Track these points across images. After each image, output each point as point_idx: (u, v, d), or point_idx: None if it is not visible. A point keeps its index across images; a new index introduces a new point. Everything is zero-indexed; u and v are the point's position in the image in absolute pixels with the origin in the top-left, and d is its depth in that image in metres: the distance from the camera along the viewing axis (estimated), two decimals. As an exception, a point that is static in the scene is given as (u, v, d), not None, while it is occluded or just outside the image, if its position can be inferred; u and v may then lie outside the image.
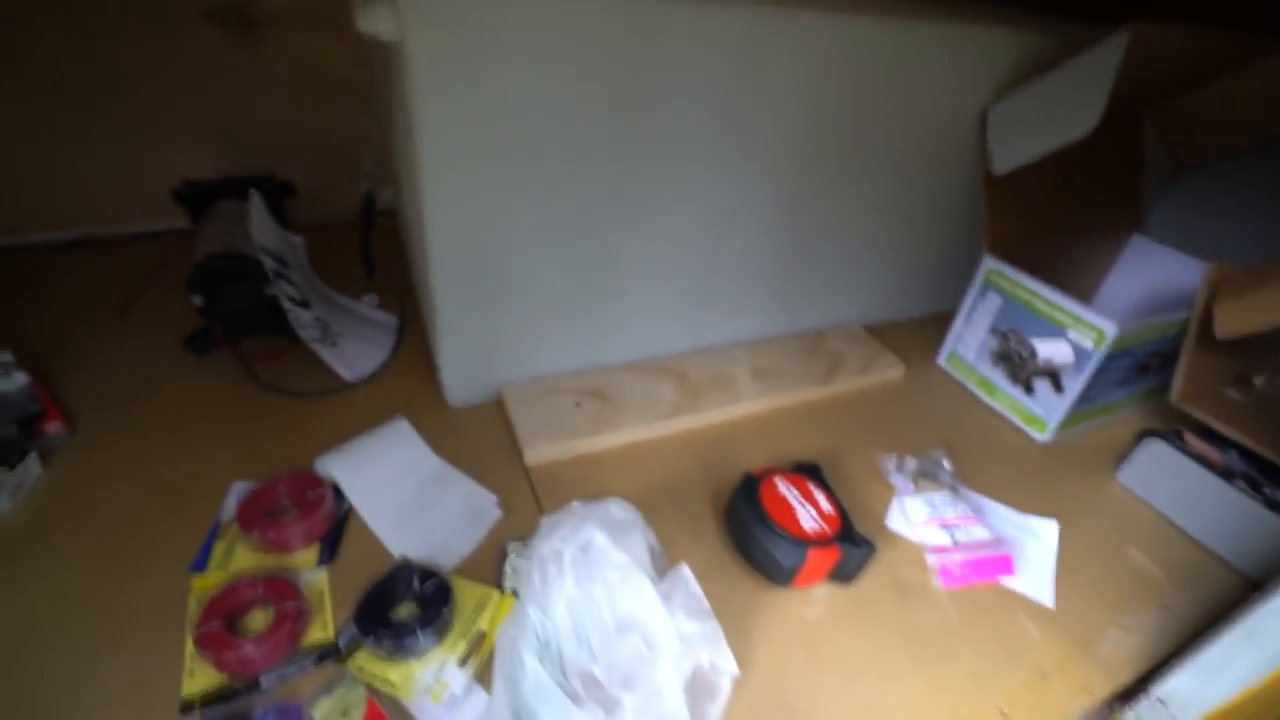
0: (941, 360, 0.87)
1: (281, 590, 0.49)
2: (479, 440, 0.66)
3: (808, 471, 0.61)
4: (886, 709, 0.49)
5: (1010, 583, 0.60)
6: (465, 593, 0.51)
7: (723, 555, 0.58)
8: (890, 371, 0.83)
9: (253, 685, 0.45)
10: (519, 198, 0.59)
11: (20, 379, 0.62)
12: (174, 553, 0.53)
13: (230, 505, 0.56)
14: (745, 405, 0.74)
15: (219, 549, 0.53)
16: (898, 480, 0.67)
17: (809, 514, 0.56)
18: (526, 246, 0.62)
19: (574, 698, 0.41)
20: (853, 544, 0.55)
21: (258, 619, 0.49)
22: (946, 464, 0.69)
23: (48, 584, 0.50)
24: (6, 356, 0.63)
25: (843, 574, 0.56)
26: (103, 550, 0.53)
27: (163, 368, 0.71)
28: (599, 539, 0.45)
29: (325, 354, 0.71)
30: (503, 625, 0.45)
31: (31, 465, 0.58)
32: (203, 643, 0.45)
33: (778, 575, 0.54)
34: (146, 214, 0.92)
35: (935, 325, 0.90)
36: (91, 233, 0.91)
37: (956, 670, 0.53)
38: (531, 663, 0.41)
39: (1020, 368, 0.77)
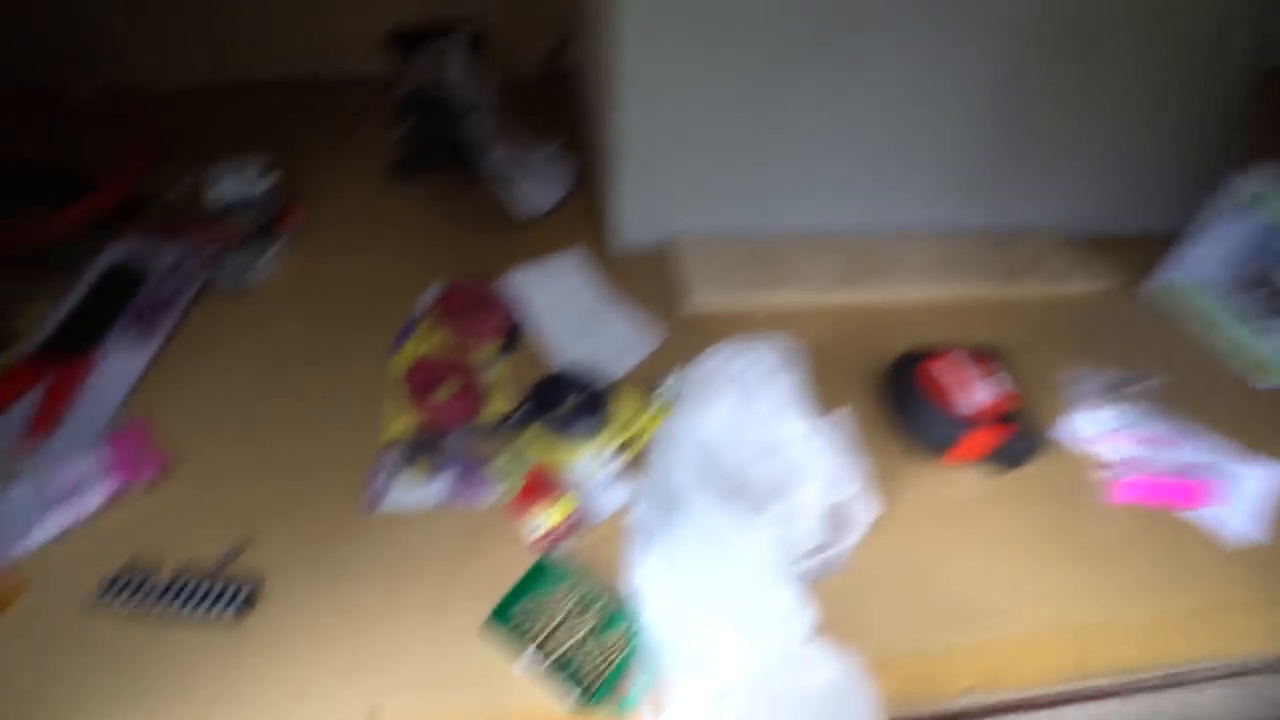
0: (1155, 284, 0.76)
1: (466, 370, 0.56)
2: (642, 283, 0.69)
3: (982, 354, 0.57)
4: (1026, 592, 0.48)
5: (1203, 514, 0.54)
6: (622, 400, 0.56)
7: (873, 427, 0.57)
8: (1089, 285, 0.74)
9: (440, 439, 0.52)
10: (713, 48, 0.59)
11: (268, 182, 0.74)
12: (378, 335, 0.61)
13: (426, 303, 0.64)
14: (917, 289, 0.70)
15: (417, 334, 0.61)
16: (1084, 389, 0.61)
17: (977, 393, 0.53)
18: (715, 100, 0.62)
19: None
20: (1020, 431, 0.52)
21: (446, 389, 0.56)
22: (1146, 384, 0.62)
23: (284, 338, 0.61)
24: (258, 164, 0.74)
25: (1001, 460, 0.54)
26: (326, 320, 0.63)
27: (369, 192, 0.80)
28: (765, 362, 0.47)
29: (506, 191, 0.76)
30: (661, 424, 0.48)
31: (278, 248, 0.69)
32: (404, 395, 0.53)
33: (932, 447, 0.53)
34: (361, 57, 1.00)
35: (1156, 244, 0.78)
36: (315, 71, 1.02)
37: (1116, 576, 0.49)
38: (685, 457, 0.44)
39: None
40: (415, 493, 0.49)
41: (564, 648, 0.41)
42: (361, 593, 0.43)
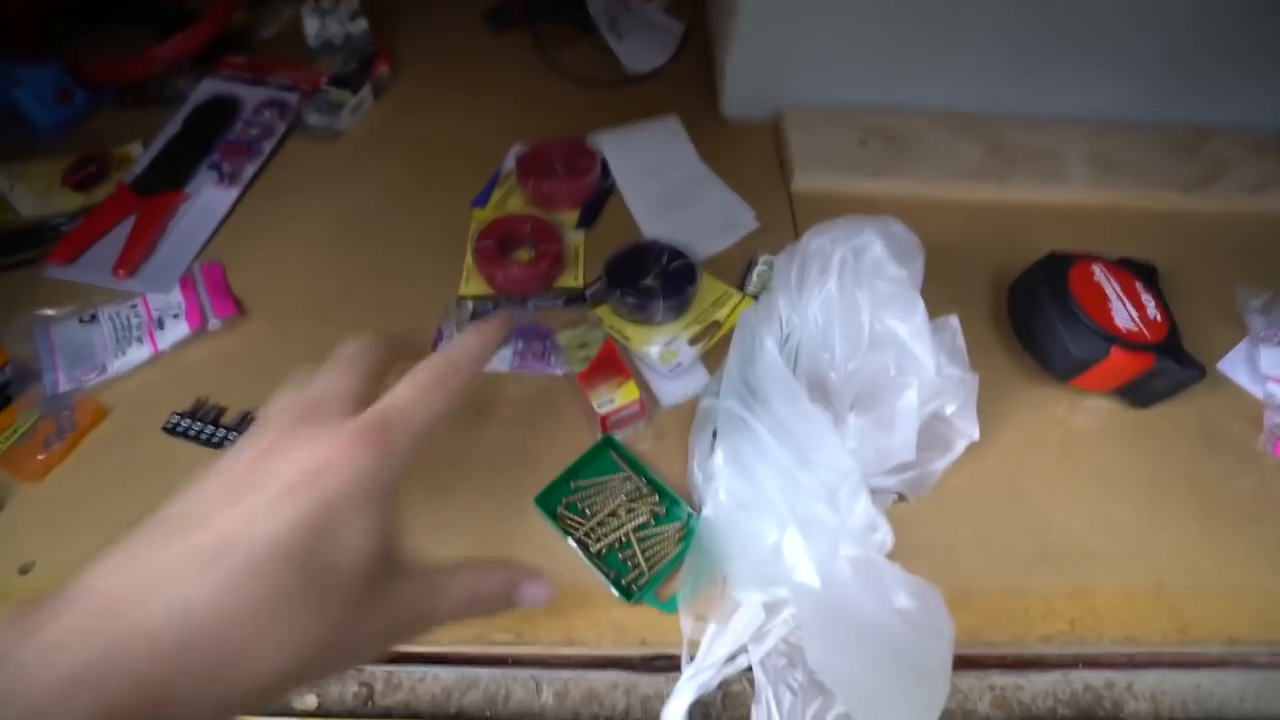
0: (1386, 204, 0.61)
1: (545, 233, 0.52)
2: (746, 156, 0.61)
3: (1138, 269, 0.48)
4: (1141, 540, 0.42)
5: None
6: (708, 284, 0.51)
7: (992, 337, 0.51)
8: (1294, 199, 0.61)
9: (512, 303, 0.50)
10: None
11: (362, 24, 0.69)
12: (462, 188, 0.58)
13: (510, 161, 0.60)
14: (1069, 191, 0.59)
15: (498, 193, 0.58)
16: (1258, 321, 0.51)
17: (1125, 311, 0.45)
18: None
19: None
20: (1175, 360, 0.44)
21: (523, 253, 0.53)
22: (1344, 323, 0.51)
23: (367, 186, 0.59)
24: (353, 2, 0.70)
25: (1142, 393, 0.46)
26: (409, 171, 0.60)
27: (468, 37, 0.74)
28: (877, 246, 0.40)
29: (612, 42, 0.69)
30: (747, 310, 0.43)
31: (366, 94, 0.65)
32: (480, 254, 0.50)
33: (1061, 365, 0.45)
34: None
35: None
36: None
37: (1256, 538, 0.42)
38: (771, 346, 0.39)
39: None
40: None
41: (610, 539, 0.39)
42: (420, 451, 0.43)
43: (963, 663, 0.39)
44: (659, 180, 0.58)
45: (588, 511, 0.40)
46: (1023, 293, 0.49)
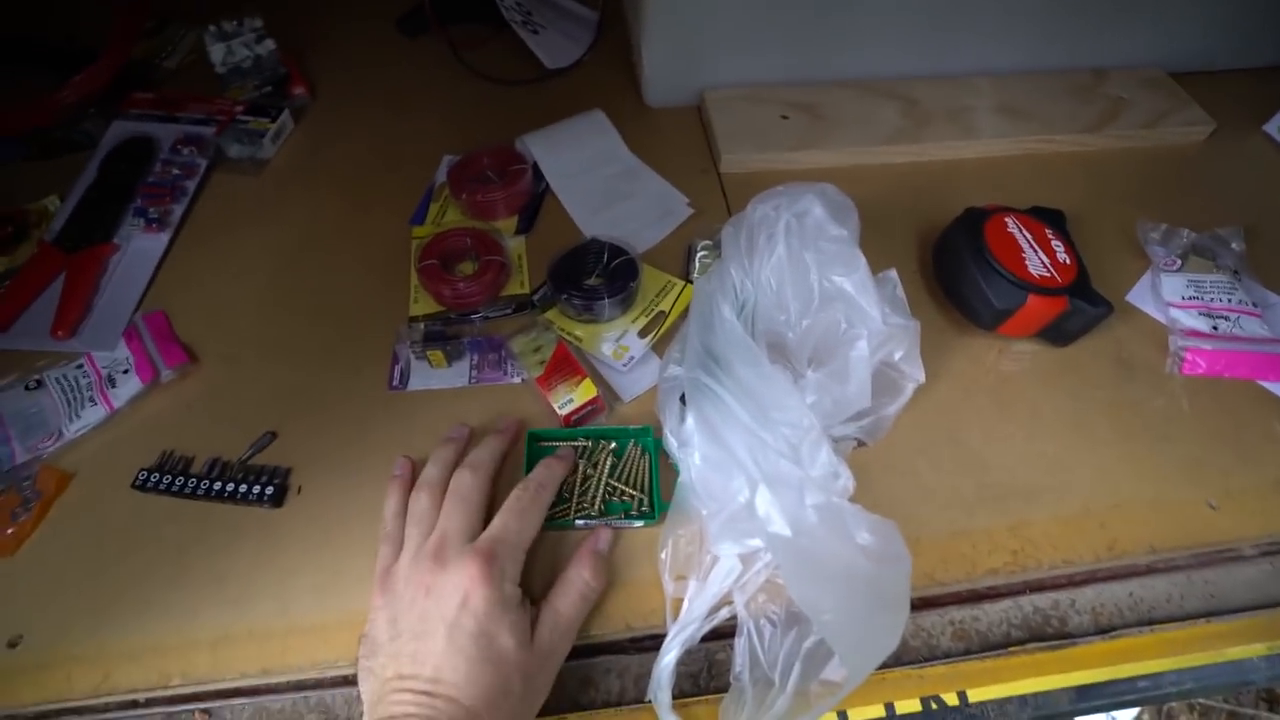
0: (1273, 127, 0.66)
1: (487, 244, 0.53)
2: (673, 142, 0.63)
3: (1047, 217, 0.51)
4: (1069, 469, 0.46)
5: (1276, 388, 0.49)
6: (650, 276, 0.52)
7: (923, 293, 0.53)
8: (1191, 130, 0.65)
9: (463, 317, 0.51)
10: None
11: (270, 44, 0.67)
12: (397, 205, 0.58)
13: (441, 173, 0.60)
14: (981, 144, 0.62)
15: (434, 207, 0.58)
16: (1158, 252, 0.55)
17: (1038, 259, 0.48)
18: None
19: None
20: (1086, 300, 0.47)
21: (467, 267, 0.54)
22: (1236, 246, 0.55)
23: (305, 214, 0.58)
24: (257, 22, 0.68)
25: (1060, 333, 0.50)
26: (342, 195, 0.60)
27: (381, 47, 0.73)
28: (817, 209, 0.42)
29: (527, 40, 0.68)
30: (701, 279, 0.45)
31: (286, 120, 0.64)
32: (424, 273, 0.51)
33: (985, 316, 0.49)
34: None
35: (1275, 79, 0.67)
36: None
37: (1168, 454, 0.46)
38: (729, 314, 0.41)
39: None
40: (438, 373, 0.48)
41: (598, 497, 0.42)
42: (389, 473, 0.44)
43: (922, 603, 0.43)
44: (591, 176, 0.59)
45: (565, 494, 0.43)
46: (944, 250, 0.52)
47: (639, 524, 0.42)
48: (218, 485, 0.42)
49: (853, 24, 0.61)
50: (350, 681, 0.38)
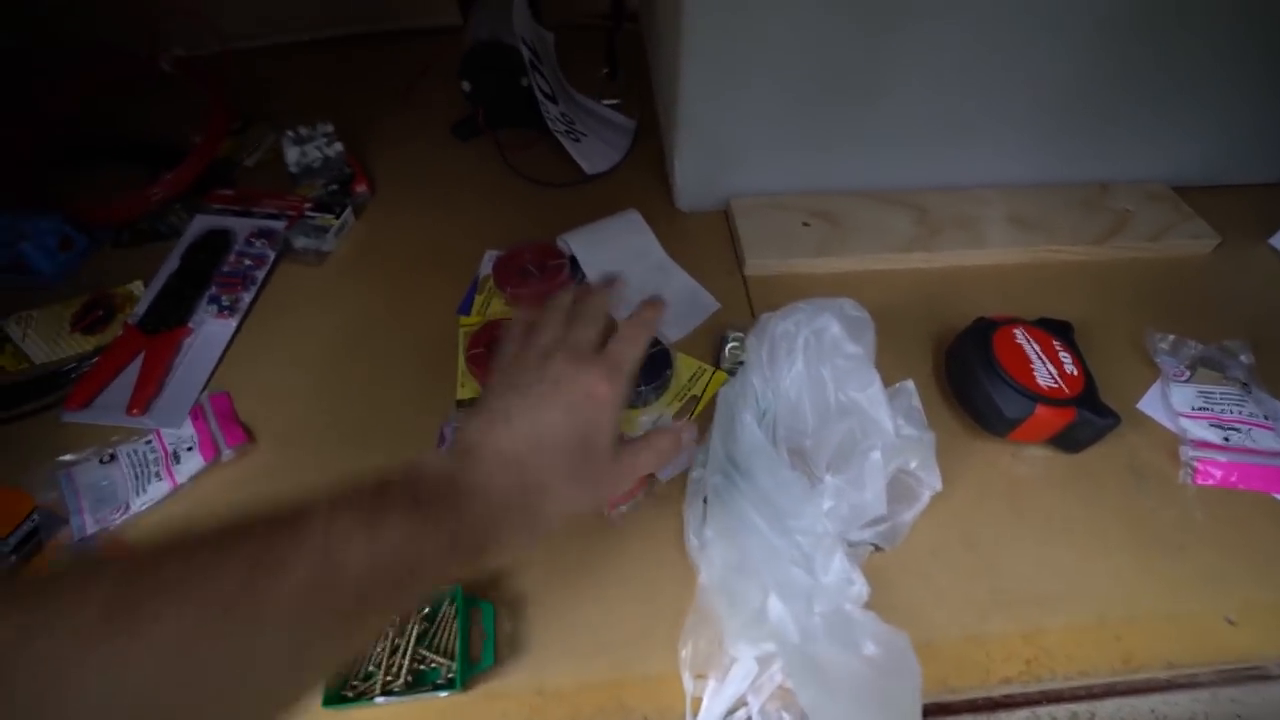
0: (1278, 240, 0.69)
1: (526, 338, 0.57)
2: (702, 245, 0.67)
3: (1055, 328, 0.54)
4: (1083, 576, 0.47)
5: (1294, 502, 0.50)
6: (683, 364, 0.56)
7: (937, 397, 0.56)
8: (1196, 244, 0.68)
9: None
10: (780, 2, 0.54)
11: (339, 147, 0.75)
12: (445, 296, 0.63)
13: (486, 266, 0.65)
14: (991, 253, 0.66)
15: (479, 299, 0.63)
16: (1167, 363, 0.57)
17: (1046, 370, 0.51)
18: (779, 56, 0.58)
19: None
20: (1094, 412, 0.49)
21: (508, 358, 0.58)
22: (1245, 358, 0.57)
23: (361, 303, 0.63)
24: (329, 127, 0.76)
25: (1071, 441, 0.51)
26: (395, 285, 0.65)
27: (435, 149, 0.80)
28: (834, 328, 0.46)
29: (569, 147, 0.75)
30: (725, 388, 0.48)
31: (348, 216, 0.71)
32: (472, 360, 0.55)
33: (997, 424, 0.51)
34: (424, 10, 0.99)
35: (1278, 195, 0.70)
36: (381, 27, 1.01)
37: (1182, 565, 0.47)
38: (749, 422, 0.44)
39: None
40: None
41: (406, 667, 0.41)
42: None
43: (937, 709, 0.43)
44: (626, 269, 0.63)
45: (371, 668, 0.41)
46: (955, 359, 0.55)
47: (443, 694, 0.40)
48: (268, 563, 0.45)
49: (867, 139, 0.67)
50: None
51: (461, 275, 0.65)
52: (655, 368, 0.54)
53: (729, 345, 0.57)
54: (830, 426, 0.45)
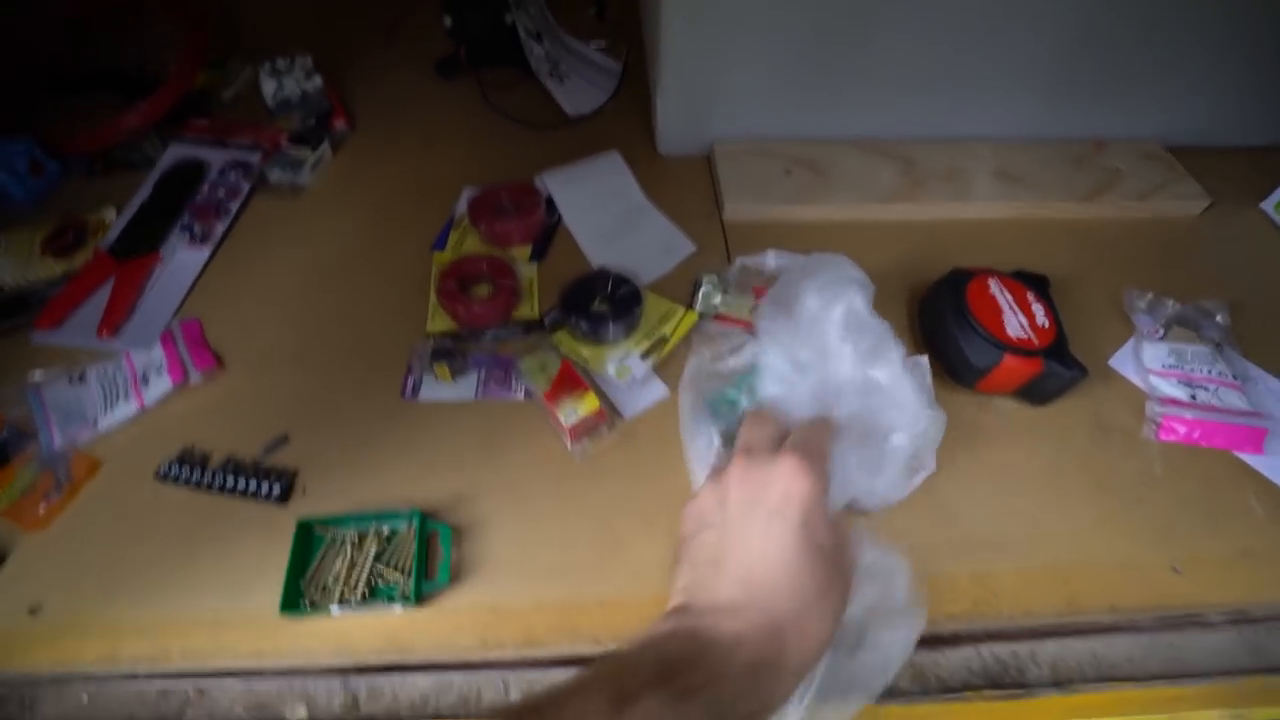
0: (1269, 204, 0.68)
1: (501, 270, 0.57)
2: (682, 189, 0.66)
3: (1030, 281, 0.54)
4: (1038, 524, 0.47)
5: (1251, 460, 0.50)
6: (653, 303, 0.56)
7: (909, 348, 0.55)
8: (1185, 204, 0.67)
9: (476, 336, 0.55)
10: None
11: (318, 81, 0.74)
12: (421, 232, 0.63)
13: (462, 204, 0.64)
14: (975, 207, 0.65)
15: (454, 236, 0.62)
16: (1143, 321, 0.57)
17: (1018, 321, 0.50)
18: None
19: None
20: (1061, 363, 0.49)
21: (482, 289, 0.58)
22: (1221, 319, 0.57)
23: (336, 236, 0.63)
24: (308, 61, 0.74)
25: (1037, 393, 0.51)
26: (370, 220, 0.64)
27: (418, 87, 0.79)
28: (859, 304, 0.46)
29: (552, 88, 0.74)
30: (745, 351, 0.49)
31: (325, 150, 0.70)
32: (443, 294, 0.55)
33: (964, 374, 0.51)
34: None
35: (1274, 158, 0.69)
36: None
37: (1137, 516, 0.48)
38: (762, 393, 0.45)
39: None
40: (448, 387, 0.51)
41: (362, 580, 0.41)
42: (393, 478, 0.47)
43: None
44: (603, 212, 0.63)
45: (331, 581, 0.42)
46: (928, 307, 0.55)
47: (398, 609, 0.41)
48: (231, 481, 0.45)
49: (857, 86, 0.65)
50: (334, 672, 0.41)
51: (438, 212, 0.65)
52: (625, 305, 0.53)
53: (702, 289, 0.56)
54: (855, 401, 0.44)
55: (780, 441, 0.37)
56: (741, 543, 0.32)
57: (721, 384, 0.49)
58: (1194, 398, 0.52)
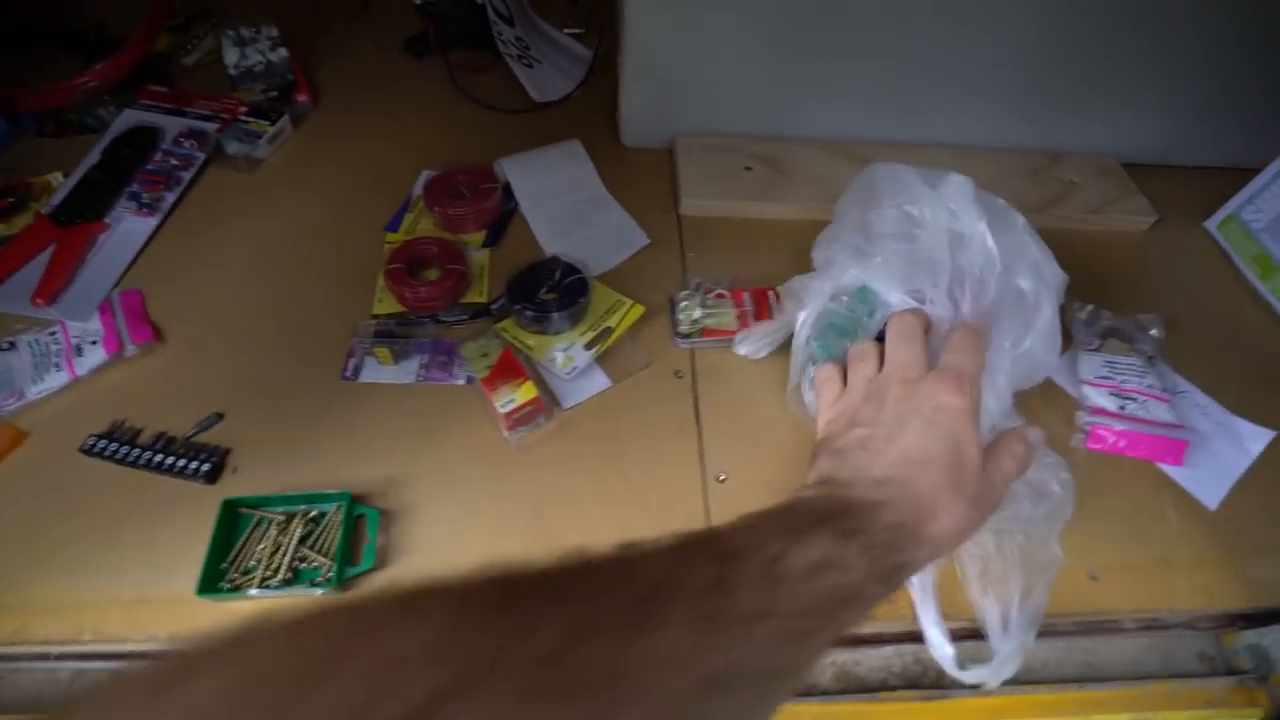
0: (1213, 223, 0.69)
1: (451, 254, 0.57)
2: (642, 181, 0.66)
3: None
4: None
5: (1172, 472, 0.52)
6: (601, 294, 0.56)
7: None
8: (1134, 219, 0.68)
9: (420, 320, 0.54)
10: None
11: (283, 52, 0.72)
12: (377, 213, 0.62)
13: (419, 186, 0.64)
14: (930, 212, 0.65)
15: (409, 218, 0.62)
16: (1081, 332, 0.58)
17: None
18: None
19: None
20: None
21: (431, 273, 0.57)
22: (1156, 332, 0.58)
23: (290, 213, 0.62)
24: (273, 31, 0.73)
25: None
26: (326, 199, 0.64)
27: (386, 64, 0.78)
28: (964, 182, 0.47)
29: (519, 72, 0.73)
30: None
31: (285, 124, 0.68)
32: (390, 276, 0.55)
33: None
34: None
35: (1221, 179, 0.70)
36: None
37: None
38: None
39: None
40: (389, 370, 0.51)
41: (285, 564, 0.41)
42: (327, 460, 0.47)
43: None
44: (560, 200, 0.63)
45: (254, 564, 0.42)
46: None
47: (318, 592, 0.41)
48: (159, 458, 0.45)
49: (823, 86, 0.65)
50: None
51: (396, 193, 0.64)
52: (570, 294, 0.53)
53: (680, 304, 0.55)
54: (987, 288, 0.44)
55: (928, 355, 0.39)
56: (893, 439, 0.35)
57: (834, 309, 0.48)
58: (1123, 408, 0.53)
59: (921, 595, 0.42)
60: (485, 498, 0.46)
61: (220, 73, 0.71)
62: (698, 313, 0.55)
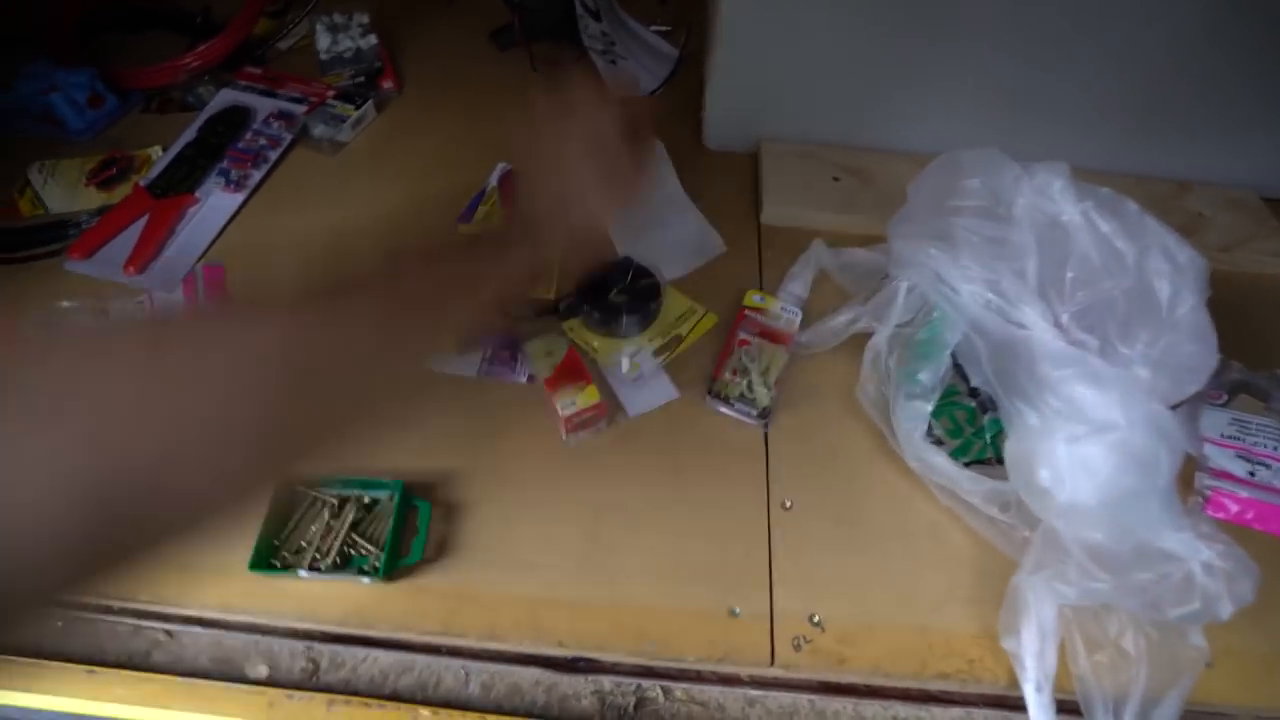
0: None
1: (520, 252, 0.55)
2: (723, 185, 0.64)
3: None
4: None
5: (1306, 548, 0.45)
6: (674, 300, 0.54)
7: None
8: (1272, 261, 0.61)
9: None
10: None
11: (372, 39, 0.73)
12: (451, 203, 0.62)
13: (494, 178, 0.63)
14: (1035, 237, 0.60)
15: (482, 209, 0.61)
16: (1210, 383, 0.52)
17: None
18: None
19: None
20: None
21: (498, 270, 0.56)
22: (1289, 388, 0.51)
23: (368, 196, 0.63)
24: (364, 19, 0.74)
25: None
26: (403, 185, 0.64)
27: (470, 55, 0.78)
28: (1058, 181, 0.42)
29: (601, 68, 0.72)
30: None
31: (369, 109, 0.69)
32: (454, 271, 0.54)
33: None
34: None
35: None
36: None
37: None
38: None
39: None
40: (450, 358, 0.50)
41: (335, 547, 0.41)
42: (384, 446, 0.46)
43: (867, 691, 0.42)
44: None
45: (305, 544, 0.41)
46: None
47: (366, 580, 0.40)
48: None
49: (922, 95, 0.61)
50: (300, 636, 0.41)
51: (472, 183, 0.63)
52: (642, 298, 0.51)
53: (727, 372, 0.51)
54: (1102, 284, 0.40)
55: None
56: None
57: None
58: (1252, 474, 0.47)
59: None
60: (537, 503, 0.45)
61: (312, 57, 0.73)
62: (743, 387, 0.50)
